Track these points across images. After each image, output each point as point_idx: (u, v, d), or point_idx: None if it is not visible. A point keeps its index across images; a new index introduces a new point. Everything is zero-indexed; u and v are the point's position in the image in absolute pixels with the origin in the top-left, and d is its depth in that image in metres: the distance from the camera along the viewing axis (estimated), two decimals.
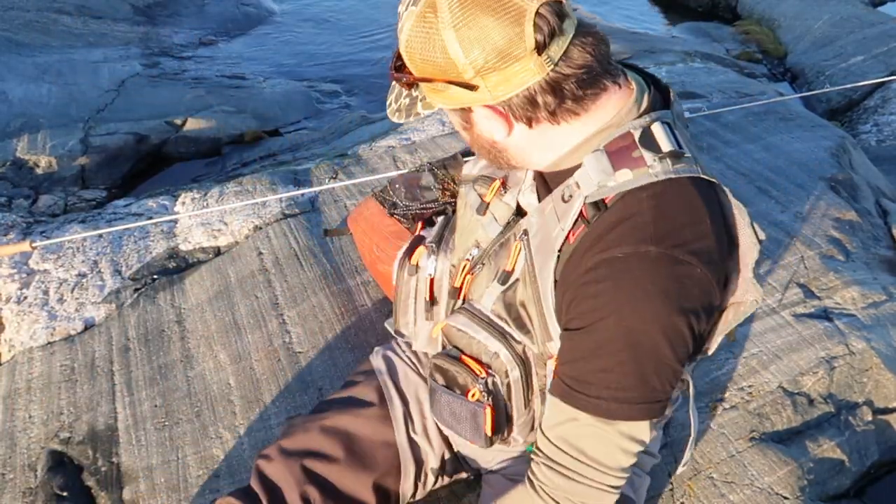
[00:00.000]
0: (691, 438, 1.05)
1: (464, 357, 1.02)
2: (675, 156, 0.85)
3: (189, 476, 1.65)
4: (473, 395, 1.00)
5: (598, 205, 0.85)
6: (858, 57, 4.89)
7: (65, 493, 1.65)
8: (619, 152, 0.86)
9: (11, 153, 3.71)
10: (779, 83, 4.99)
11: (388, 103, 0.95)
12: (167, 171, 4.07)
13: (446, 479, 1.32)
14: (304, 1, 6.92)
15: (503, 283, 0.97)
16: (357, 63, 5.62)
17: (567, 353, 0.88)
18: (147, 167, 4.04)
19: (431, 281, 1.16)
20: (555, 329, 0.92)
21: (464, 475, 1.37)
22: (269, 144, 4.26)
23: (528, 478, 0.94)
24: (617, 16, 6.42)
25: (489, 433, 1.01)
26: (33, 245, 1.79)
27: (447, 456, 1.28)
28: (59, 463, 1.72)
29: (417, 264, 1.19)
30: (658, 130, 0.86)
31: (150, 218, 2.54)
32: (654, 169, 0.84)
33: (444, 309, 1.14)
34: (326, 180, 2.71)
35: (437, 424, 1.27)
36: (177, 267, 2.33)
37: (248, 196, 2.59)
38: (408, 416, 1.26)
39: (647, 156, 0.84)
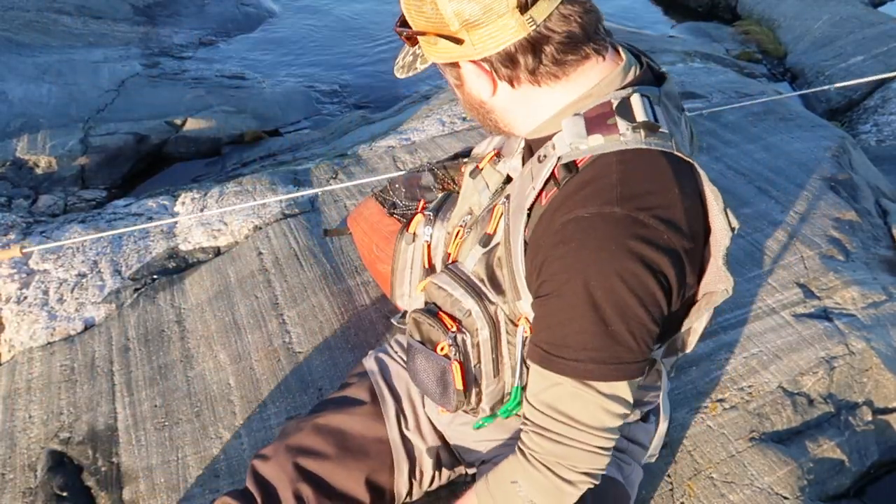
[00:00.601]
0: (661, 426, 1.09)
1: (440, 313, 1.05)
2: (649, 127, 0.86)
3: (189, 476, 1.65)
4: (443, 349, 1.03)
5: (570, 167, 0.87)
6: (858, 57, 4.89)
7: (65, 493, 1.65)
8: (595, 119, 0.87)
9: (11, 153, 3.71)
10: (779, 83, 4.99)
11: (395, 61, 0.99)
12: (167, 171, 4.07)
13: (444, 477, 1.32)
14: (304, 1, 6.92)
15: (484, 246, 1.01)
16: (357, 63, 5.62)
17: (542, 320, 0.89)
18: (147, 167, 4.04)
19: (429, 247, 1.19)
20: (524, 289, 0.94)
21: (462, 472, 1.37)
22: (269, 144, 4.26)
23: (519, 447, 0.95)
24: (617, 16, 6.42)
25: (460, 388, 1.02)
26: (24, 251, 1.76)
27: (443, 452, 1.28)
28: (59, 463, 1.72)
29: (415, 233, 1.23)
30: (636, 101, 0.87)
31: (151, 218, 2.54)
32: (625, 137, 0.85)
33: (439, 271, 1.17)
34: (327, 180, 2.71)
35: (430, 420, 1.28)
36: (177, 267, 2.33)
37: (248, 196, 2.59)
38: (400, 412, 1.27)
39: (622, 124, 0.86)
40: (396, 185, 1.57)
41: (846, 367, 1.76)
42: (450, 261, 1.11)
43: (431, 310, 1.06)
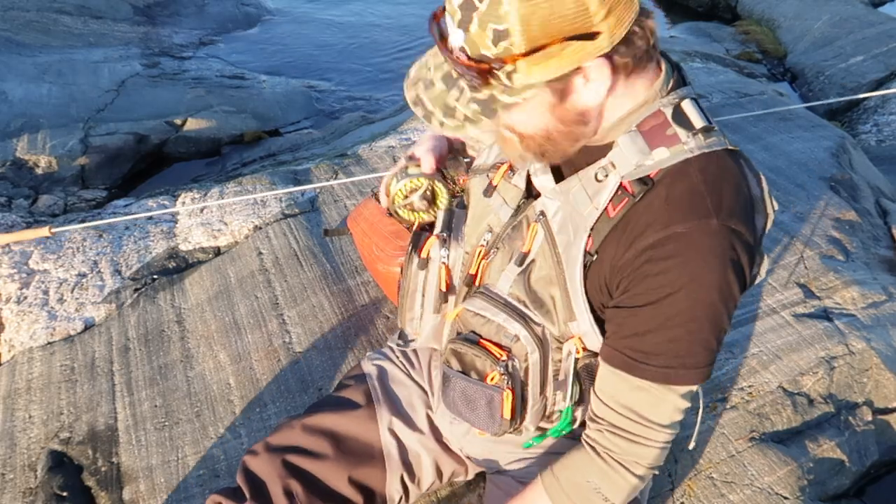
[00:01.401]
0: (700, 415, 1.10)
1: (482, 341, 1.02)
2: (707, 130, 0.87)
3: (189, 476, 1.65)
4: (493, 379, 1.00)
5: (645, 181, 0.87)
6: (858, 57, 4.88)
7: (65, 493, 1.65)
8: (652, 131, 0.87)
9: (11, 153, 3.71)
10: (779, 83, 4.99)
11: (434, 122, 0.84)
12: (167, 171, 4.07)
13: (444, 480, 1.31)
14: (304, 1, 6.92)
15: (520, 265, 0.98)
16: (357, 63, 5.62)
17: (629, 328, 0.89)
18: (147, 167, 4.04)
19: (447, 270, 1.14)
20: (581, 310, 0.93)
21: (462, 478, 1.36)
22: (269, 144, 4.26)
23: (591, 445, 0.96)
24: None
25: (507, 417, 1.01)
26: (52, 230, 1.80)
27: (443, 458, 1.27)
28: (59, 463, 1.72)
29: (428, 256, 1.17)
30: (689, 107, 0.88)
31: (151, 217, 2.54)
32: (688, 145, 0.86)
33: (458, 298, 1.13)
34: (327, 180, 2.71)
35: (430, 424, 1.26)
36: (177, 267, 2.33)
37: (248, 196, 2.59)
38: (396, 417, 1.25)
39: (681, 133, 0.87)
40: None
41: (846, 367, 1.76)
42: (476, 282, 1.07)
43: (471, 338, 1.03)
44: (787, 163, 2.59)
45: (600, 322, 0.95)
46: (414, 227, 1.25)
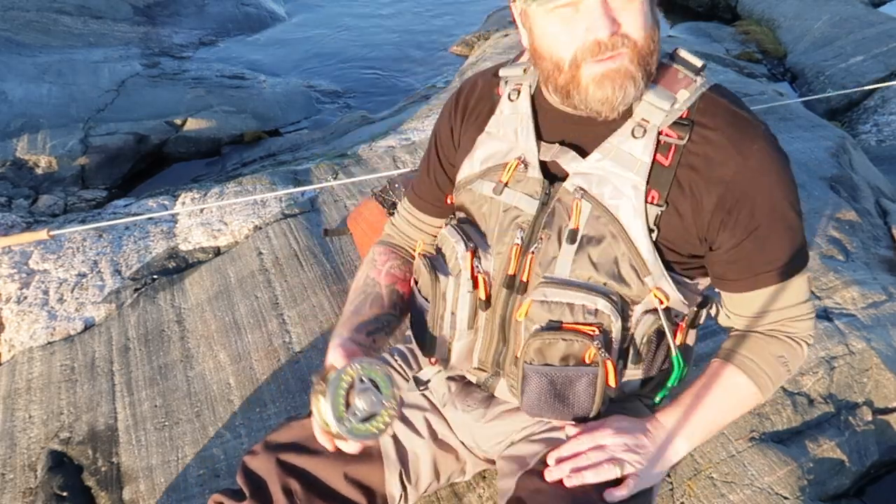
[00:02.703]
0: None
1: (566, 325, 1.00)
2: (703, 68, 1.00)
3: (189, 476, 1.65)
4: (591, 356, 0.99)
5: (682, 122, 0.95)
6: (858, 57, 4.88)
7: (65, 493, 1.65)
8: (667, 80, 0.97)
9: (11, 153, 3.71)
10: (779, 83, 4.99)
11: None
12: (167, 171, 4.08)
13: (440, 482, 1.30)
14: (304, 1, 6.92)
15: (573, 243, 0.99)
16: (357, 63, 5.62)
17: (754, 250, 0.97)
18: (147, 167, 4.05)
19: (485, 281, 1.08)
20: (652, 260, 0.97)
21: (461, 479, 1.35)
22: (269, 144, 4.27)
23: (786, 333, 1.05)
24: None
25: (612, 384, 1.00)
26: (51, 233, 1.80)
27: (442, 457, 1.26)
28: (59, 463, 1.72)
29: (459, 272, 1.08)
30: (684, 52, 1.01)
31: (151, 218, 2.54)
32: (699, 82, 0.97)
33: (502, 303, 1.08)
34: (327, 180, 2.71)
35: (427, 425, 1.25)
36: (177, 267, 2.33)
37: (248, 196, 2.59)
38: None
39: (690, 74, 0.98)
40: (396, 185, 1.57)
41: (846, 367, 1.76)
42: (525, 280, 1.03)
43: (554, 326, 1.00)
44: None
45: (675, 272, 1.01)
46: (383, 433, 0.99)
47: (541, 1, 0.89)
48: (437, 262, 1.10)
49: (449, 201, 1.19)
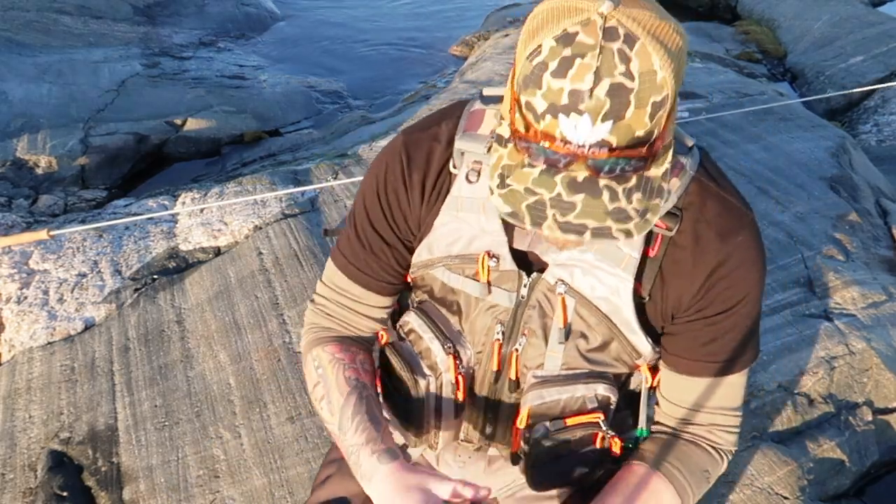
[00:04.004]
0: None
1: (569, 419, 0.97)
2: (693, 145, 0.90)
3: (189, 476, 1.65)
4: (603, 439, 0.97)
5: (671, 212, 0.87)
6: (858, 57, 4.89)
7: (65, 493, 1.65)
8: None
9: (11, 153, 3.71)
10: (779, 83, 4.99)
11: (616, 235, 0.72)
12: (167, 171, 4.07)
13: None
14: (304, 1, 6.93)
15: (564, 340, 0.93)
16: (357, 63, 5.62)
17: (706, 336, 0.92)
18: (147, 167, 4.04)
19: (464, 379, 1.00)
20: (642, 343, 0.93)
21: None
22: (269, 144, 4.27)
23: (712, 446, 0.99)
24: None
25: (617, 452, 1.00)
26: (51, 233, 1.79)
27: None
28: (59, 463, 1.72)
29: (440, 374, 1.01)
30: (676, 129, 0.86)
31: (151, 218, 2.54)
32: (688, 165, 0.87)
33: (488, 390, 1.04)
34: (327, 180, 2.71)
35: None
36: (177, 267, 2.33)
37: (248, 196, 2.59)
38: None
39: (681, 158, 0.87)
40: None
41: (846, 367, 1.76)
42: (513, 376, 0.98)
43: (558, 425, 0.96)
44: (787, 163, 2.59)
45: (656, 338, 0.96)
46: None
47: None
48: (413, 363, 1.01)
49: (405, 278, 1.03)
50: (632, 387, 1.04)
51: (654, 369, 1.00)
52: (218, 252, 2.38)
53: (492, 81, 3.79)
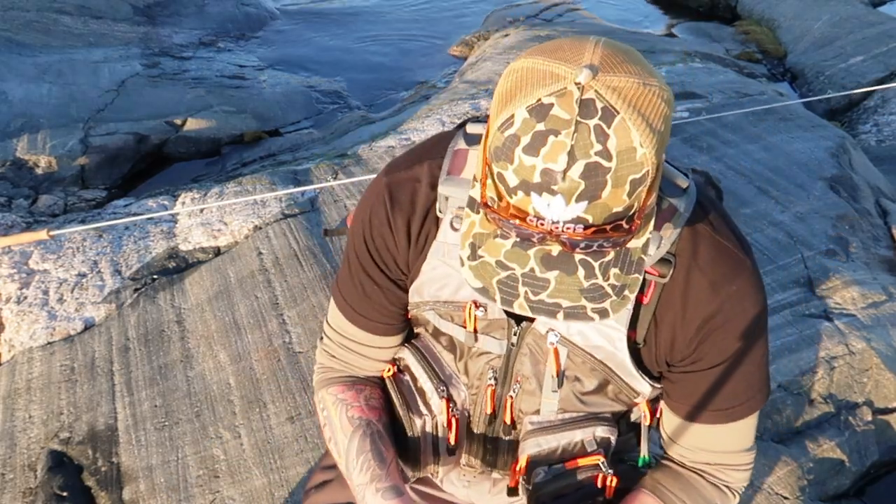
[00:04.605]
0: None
1: (570, 463, 0.95)
2: (688, 187, 0.84)
3: (189, 476, 1.65)
4: (605, 479, 0.95)
5: (665, 258, 0.83)
6: (858, 57, 4.89)
7: (65, 493, 1.65)
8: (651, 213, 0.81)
9: (11, 153, 3.71)
10: (779, 83, 4.99)
11: (590, 315, 0.70)
12: (167, 171, 4.07)
13: None
14: (304, 1, 6.93)
15: (558, 388, 0.92)
16: (357, 63, 5.62)
17: (705, 384, 0.89)
18: (147, 167, 4.04)
19: (457, 422, 0.99)
20: (639, 383, 0.91)
21: None
22: (269, 144, 4.27)
23: (726, 484, 0.97)
24: (616, 16, 6.42)
25: (616, 484, 0.98)
26: (51, 233, 1.79)
27: None
28: (59, 463, 1.72)
29: (435, 416, 1.01)
30: (668, 169, 0.82)
31: (151, 218, 2.54)
32: (681, 207, 0.82)
33: (484, 428, 1.04)
34: (327, 180, 2.71)
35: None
36: (177, 267, 2.33)
37: (248, 196, 2.59)
38: None
39: (674, 201, 0.82)
40: None
41: (846, 367, 1.76)
42: (508, 420, 0.98)
43: (557, 470, 0.95)
44: (787, 163, 2.59)
45: (654, 378, 0.94)
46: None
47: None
48: (411, 399, 1.00)
49: (406, 316, 1.01)
50: (633, 419, 1.02)
51: (654, 401, 0.97)
52: (218, 252, 2.38)
53: (491, 81, 3.79)
